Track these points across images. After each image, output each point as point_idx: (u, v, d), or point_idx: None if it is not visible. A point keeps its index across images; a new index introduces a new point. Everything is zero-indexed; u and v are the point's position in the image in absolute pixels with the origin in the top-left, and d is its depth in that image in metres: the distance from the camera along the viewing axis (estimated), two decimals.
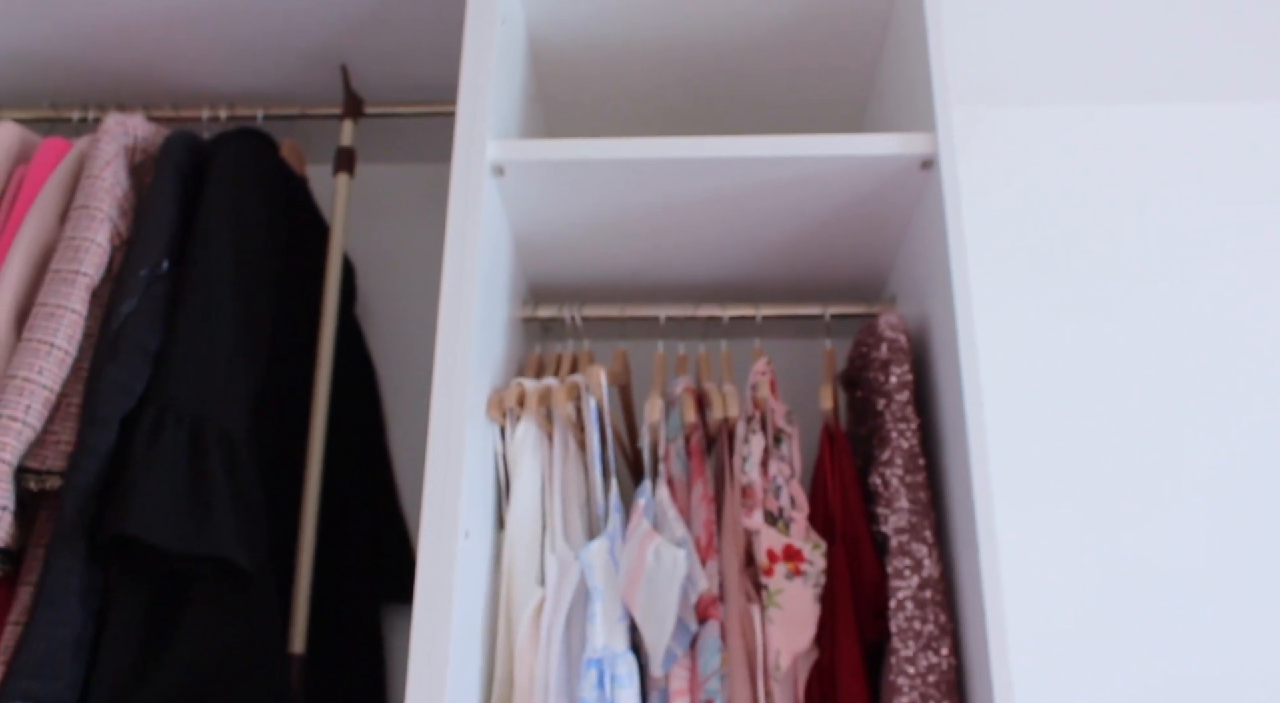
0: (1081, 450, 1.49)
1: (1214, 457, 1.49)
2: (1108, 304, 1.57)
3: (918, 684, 1.04)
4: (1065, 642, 1.40)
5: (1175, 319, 1.56)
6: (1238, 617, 1.41)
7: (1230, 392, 1.52)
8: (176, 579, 1.12)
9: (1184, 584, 1.43)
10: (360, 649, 1.34)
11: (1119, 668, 1.39)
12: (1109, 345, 1.54)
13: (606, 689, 1.08)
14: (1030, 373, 1.53)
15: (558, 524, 1.17)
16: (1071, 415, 1.51)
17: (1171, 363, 1.53)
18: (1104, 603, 1.42)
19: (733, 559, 1.15)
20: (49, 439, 1.11)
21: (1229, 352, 1.54)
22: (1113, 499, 1.47)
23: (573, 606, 1.13)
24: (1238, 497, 1.47)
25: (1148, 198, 1.62)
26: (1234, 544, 1.45)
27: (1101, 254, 1.59)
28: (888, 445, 1.14)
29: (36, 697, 1.01)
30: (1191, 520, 1.46)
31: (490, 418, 1.18)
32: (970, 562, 1.05)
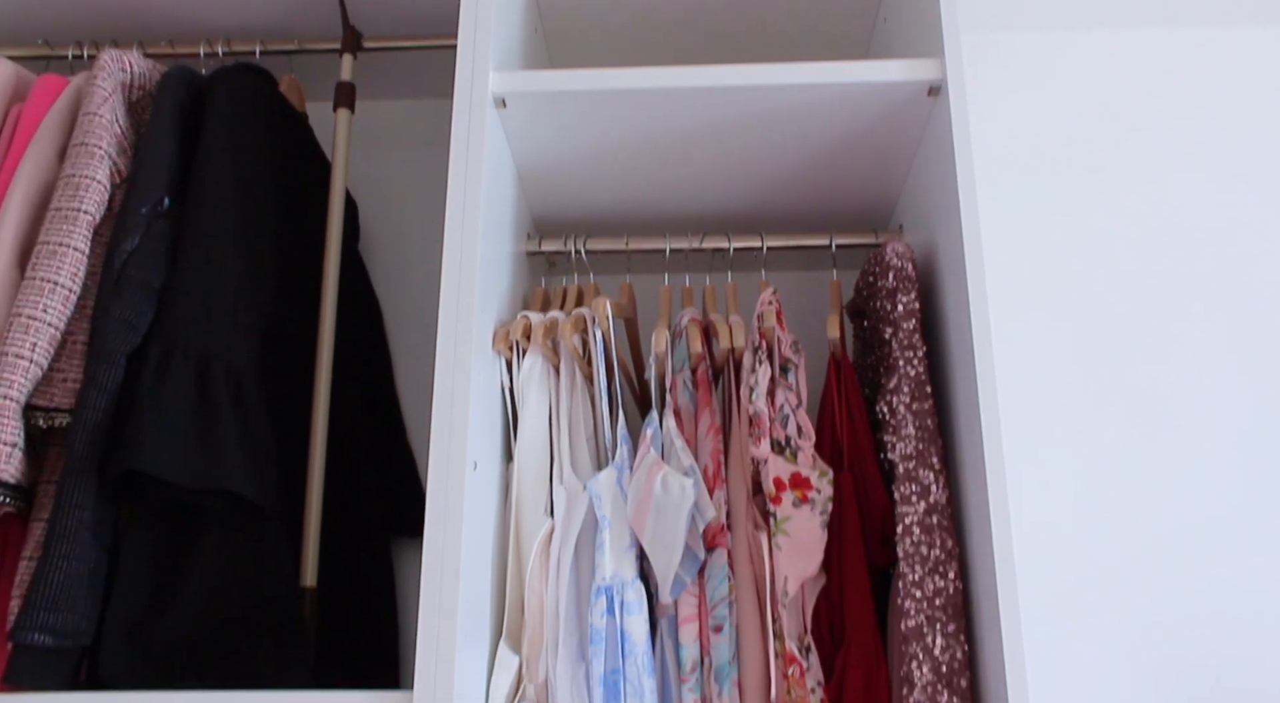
0: (1087, 380, 1.49)
1: (1220, 381, 1.49)
2: (1118, 232, 1.55)
3: (924, 608, 1.05)
4: (1068, 568, 1.41)
5: (1187, 248, 1.54)
6: (1243, 552, 1.42)
7: (1237, 313, 1.51)
8: (188, 515, 1.13)
9: (1188, 511, 1.44)
10: (371, 583, 1.35)
11: (1120, 592, 1.41)
12: (1118, 273, 1.53)
13: (616, 616, 1.09)
14: (1038, 301, 1.53)
15: (565, 456, 1.17)
16: (1078, 343, 1.50)
17: (1179, 290, 1.52)
18: (1108, 530, 1.43)
19: (740, 489, 1.16)
20: (56, 377, 1.11)
21: (1237, 276, 1.53)
22: (1118, 431, 1.47)
23: (581, 535, 1.14)
24: (1243, 422, 1.47)
25: (1158, 123, 1.60)
26: (1241, 473, 1.45)
27: (1112, 179, 1.57)
28: (895, 373, 1.14)
29: (53, 629, 1.03)
30: (1196, 444, 1.46)
31: (496, 351, 1.18)
32: (977, 487, 1.06)
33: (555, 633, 1.10)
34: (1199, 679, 1.37)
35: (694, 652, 1.10)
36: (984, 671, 1.04)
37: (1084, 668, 1.37)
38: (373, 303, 1.54)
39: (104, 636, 1.07)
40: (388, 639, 1.38)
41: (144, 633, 1.07)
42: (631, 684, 1.07)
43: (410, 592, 1.38)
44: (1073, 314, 1.52)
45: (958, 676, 1.04)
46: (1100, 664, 1.38)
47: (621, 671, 1.07)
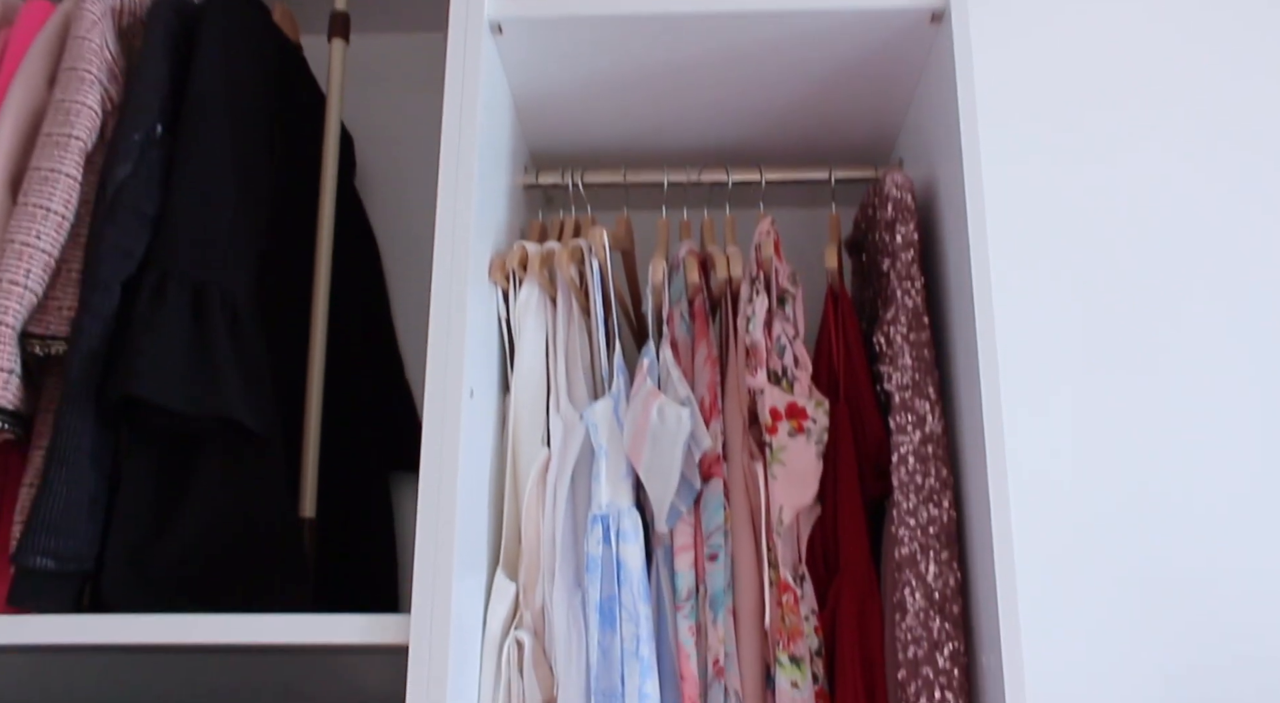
0: (1085, 331, 1.49)
1: (1220, 333, 1.48)
2: (1121, 180, 1.54)
3: (918, 536, 1.06)
4: (1065, 519, 1.42)
5: (1191, 199, 1.53)
6: (1241, 503, 1.42)
7: (1239, 266, 1.50)
8: (186, 442, 1.13)
9: (1186, 462, 1.43)
10: (369, 515, 1.36)
11: (1116, 543, 1.41)
12: (1120, 204, 1.52)
13: (612, 544, 1.10)
14: (1037, 251, 1.51)
15: (562, 387, 1.18)
16: (1077, 294, 1.50)
17: (1182, 242, 1.51)
18: (1105, 480, 1.43)
19: (736, 419, 1.16)
20: (51, 305, 1.11)
21: (1240, 229, 1.51)
22: (1117, 381, 1.47)
23: (578, 465, 1.14)
24: (1243, 372, 1.47)
25: (1165, 52, 1.57)
26: (1240, 425, 1.45)
27: (1116, 111, 1.55)
28: (892, 304, 1.13)
29: (55, 553, 1.04)
30: (1196, 394, 1.46)
31: (493, 281, 1.18)
32: (973, 417, 1.06)
33: (552, 561, 1.11)
34: (1195, 631, 1.38)
35: (689, 580, 1.11)
36: (976, 597, 1.05)
37: (1080, 619, 1.38)
38: (369, 238, 1.53)
39: (105, 561, 1.07)
40: (386, 572, 1.39)
41: (145, 558, 1.08)
42: (627, 611, 1.08)
43: (408, 526, 1.39)
44: (1072, 264, 1.51)
45: (950, 602, 1.05)
46: (1096, 615, 1.38)
47: (617, 598, 1.08)
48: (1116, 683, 1.36)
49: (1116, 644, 1.37)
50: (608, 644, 1.07)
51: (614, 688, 1.06)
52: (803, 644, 1.09)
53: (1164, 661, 1.36)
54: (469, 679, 1.06)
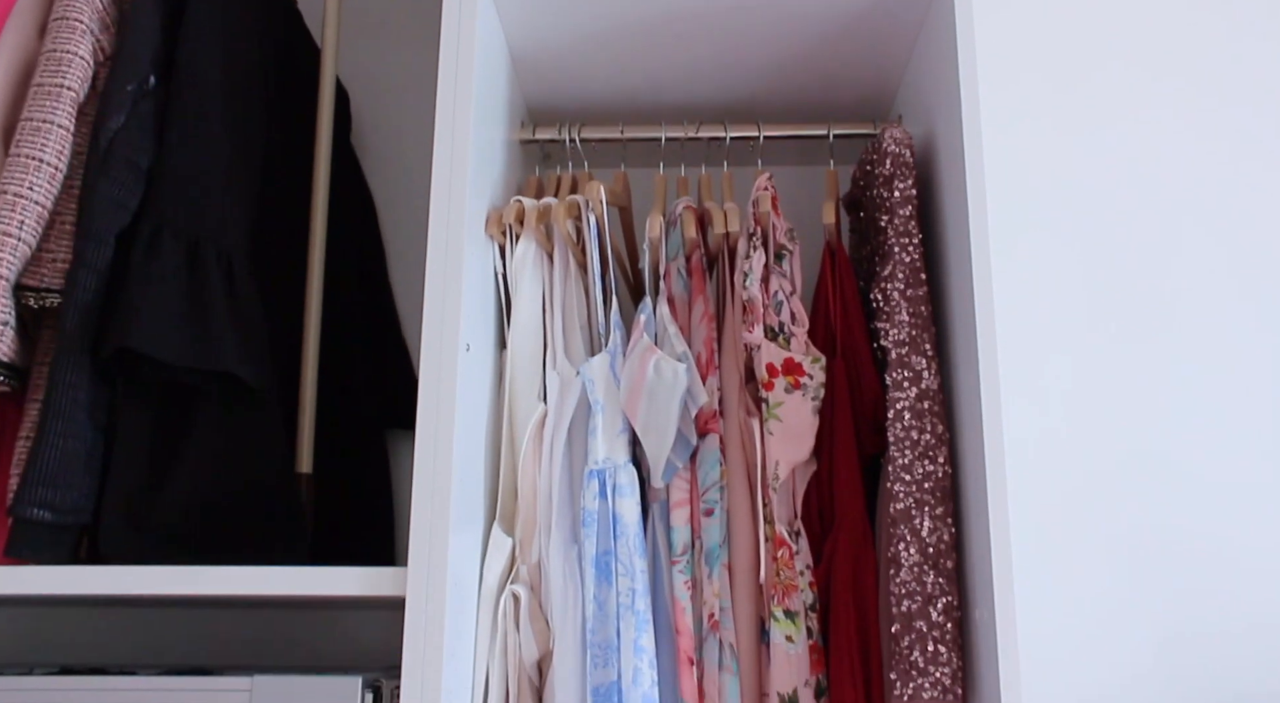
0: (1083, 277, 1.48)
1: (1218, 293, 1.48)
2: (1122, 125, 1.53)
3: (913, 491, 1.06)
4: (1061, 479, 1.42)
5: (1188, 163, 1.52)
6: (1238, 463, 1.42)
7: (1237, 226, 1.50)
8: (182, 396, 1.13)
9: (1183, 422, 1.44)
10: (366, 472, 1.37)
11: (1112, 503, 1.42)
12: (1121, 166, 1.51)
13: (608, 499, 1.10)
14: (1035, 212, 1.51)
15: (558, 342, 1.17)
16: (1075, 256, 1.49)
17: (1180, 203, 1.51)
18: (1101, 440, 1.43)
19: (733, 375, 1.16)
20: (45, 257, 1.10)
21: (1238, 192, 1.51)
22: (1115, 327, 1.47)
23: (574, 420, 1.14)
24: (1241, 333, 1.47)
25: (1167, 14, 1.56)
26: (1238, 384, 1.45)
27: (1117, 73, 1.54)
28: (890, 260, 1.13)
29: (52, 505, 1.04)
30: (1194, 355, 1.46)
31: (489, 235, 1.17)
32: (969, 372, 1.06)
33: (548, 516, 1.12)
34: (1189, 595, 1.38)
35: (685, 535, 1.12)
36: (970, 552, 1.05)
37: (1073, 579, 1.39)
38: (366, 197, 1.52)
39: (102, 513, 1.08)
40: (383, 529, 1.39)
41: (141, 511, 1.08)
42: (623, 565, 1.08)
43: (405, 483, 1.39)
44: (1071, 226, 1.50)
45: (944, 557, 1.05)
46: (1090, 576, 1.39)
47: (613, 552, 1.09)
48: (1109, 644, 1.37)
49: (1109, 606, 1.38)
50: (603, 598, 1.08)
51: (609, 641, 1.07)
52: (797, 599, 1.09)
53: (1157, 623, 1.37)
54: (465, 633, 1.07)
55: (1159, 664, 1.36)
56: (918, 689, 1.01)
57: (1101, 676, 1.35)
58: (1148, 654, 1.36)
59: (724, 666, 1.09)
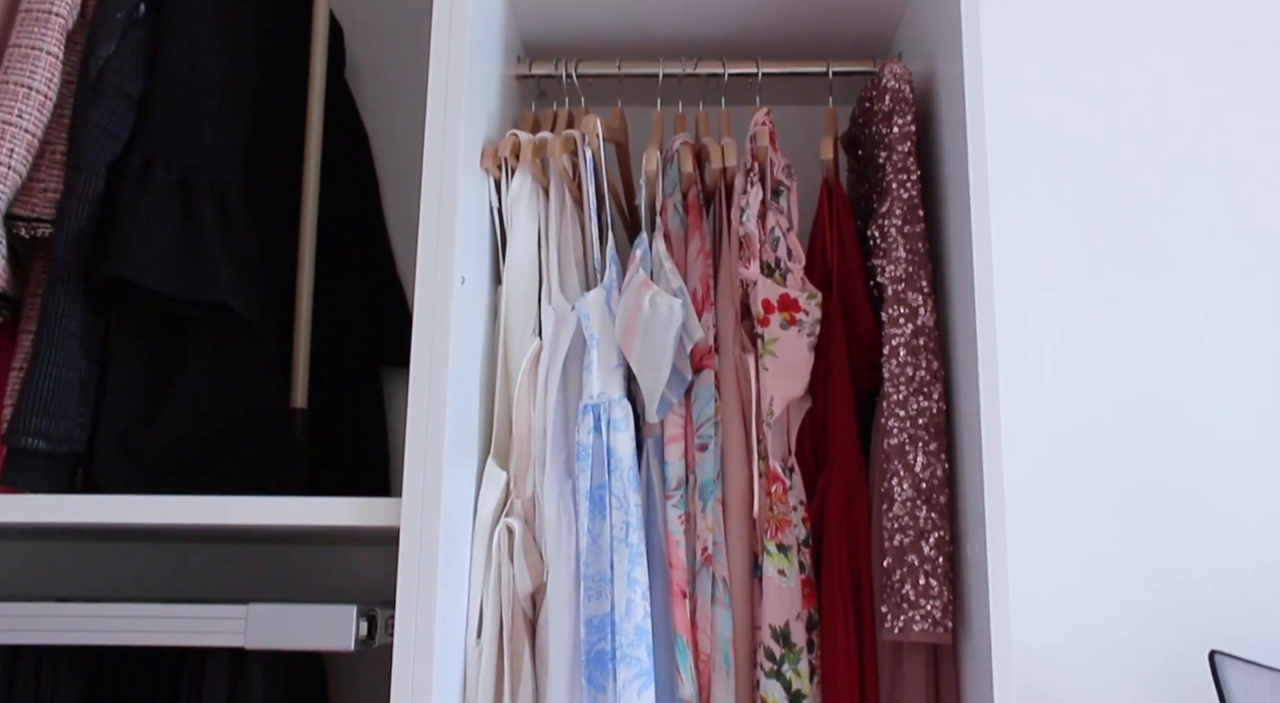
0: (1082, 217, 1.47)
1: (1215, 234, 1.47)
2: (1121, 64, 1.51)
3: (907, 427, 1.06)
4: (1057, 419, 1.42)
5: (1193, 83, 1.50)
6: (1235, 402, 1.42)
7: (1234, 167, 1.49)
8: (176, 328, 1.13)
9: (1180, 362, 1.44)
10: (361, 408, 1.37)
11: (1108, 444, 1.42)
12: (1120, 105, 1.50)
13: (603, 433, 1.10)
14: (1033, 156, 1.50)
15: (554, 277, 1.17)
16: (1074, 181, 1.48)
17: (1183, 126, 1.49)
18: (1098, 381, 1.43)
19: (729, 312, 1.16)
20: (35, 187, 1.09)
21: (1235, 133, 1.49)
22: (1113, 267, 1.46)
23: (569, 355, 1.14)
24: (1238, 273, 1.46)
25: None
26: (1234, 324, 1.44)
27: (1117, 11, 1.52)
28: (887, 197, 1.12)
29: (46, 434, 1.04)
30: (1190, 295, 1.45)
31: (484, 170, 1.16)
32: (965, 309, 1.06)
33: (543, 450, 1.12)
34: (1182, 538, 1.39)
35: (679, 470, 1.12)
36: (963, 487, 1.06)
37: (1066, 519, 1.39)
38: (360, 133, 1.50)
39: (97, 443, 1.08)
40: (378, 467, 1.40)
41: (136, 441, 1.08)
42: (617, 499, 1.09)
43: (400, 422, 1.40)
44: (1070, 165, 1.49)
45: (937, 492, 1.05)
46: (1082, 517, 1.40)
47: (607, 486, 1.09)
48: (1098, 584, 1.38)
49: (1100, 547, 1.39)
50: (597, 531, 1.09)
51: (603, 573, 1.07)
52: (790, 534, 1.10)
53: (1147, 566, 1.38)
54: (459, 564, 1.07)
55: (1148, 607, 1.37)
56: (908, 622, 1.02)
57: (1090, 616, 1.37)
58: (1137, 597, 1.37)
59: (716, 599, 1.09)
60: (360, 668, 1.34)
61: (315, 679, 1.18)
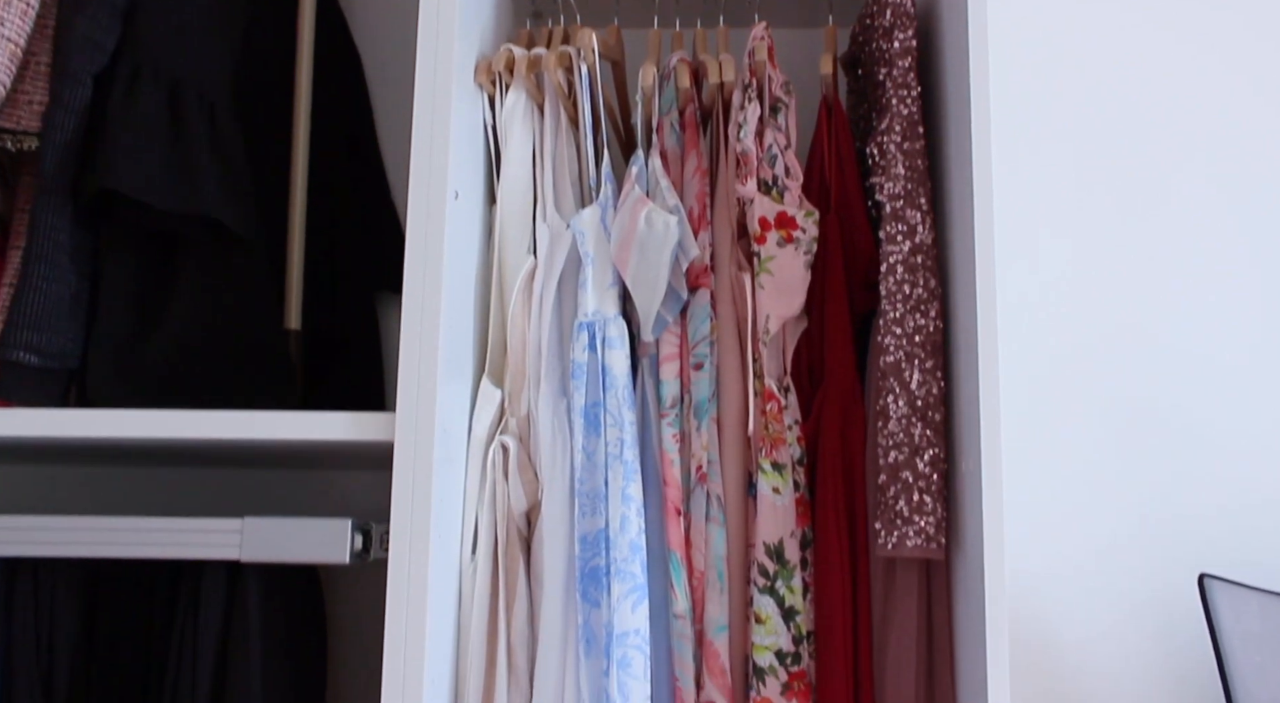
0: (1082, 145, 1.46)
1: (1221, 161, 1.45)
2: (1119, 25, 1.49)
3: (903, 344, 1.06)
4: (1054, 353, 1.41)
5: (1195, 19, 1.48)
6: (1232, 336, 1.42)
7: (1232, 110, 1.47)
8: (167, 244, 1.11)
9: (1177, 296, 1.43)
10: (355, 331, 1.36)
11: (1103, 377, 1.41)
12: (1125, 27, 1.47)
13: (598, 351, 1.10)
14: (1037, 51, 1.47)
15: (549, 195, 1.16)
16: (1076, 107, 1.47)
17: (1185, 59, 1.47)
18: (1096, 314, 1.43)
19: (725, 231, 1.15)
20: (21, 98, 1.08)
21: (1245, 57, 1.47)
22: (1112, 196, 1.45)
23: (564, 273, 1.13)
24: (1235, 209, 1.45)
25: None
26: (1231, 259, 1.43)
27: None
28: (887, 113, 1.11)
29: (38, 348, 1.03)
30: (1187, 230, 1.44)
31: (478, 84, 1.14)
32: (964, 228, 1.05)
33: (537, 369, 1.11)
34: (1174, 463, 1.39)
35: (674, 389, 1.12)
36: (958, 404, 1.06)
37: (1060, 442, 1.40)
38: (351, 52, 1.47)
39: (89, 360, 1.07)
40: (373, 393, 1.39)
41: (128, 358, 1.08)
42: (612, 416, 1.08)
43: (394, 348, 1.38)
44: (1072, 92, 1.47)
45: (932, 410, 1.05)
46: (1076, 439, 1.40)
47: (602, 403, 1.09)
48: (1091, 512, 1.38)
49: (1093, 472, 1.39)
50: (592, 448, 1.08)
51: (598, 490, 1.07)
52: (785, 452, 1.10)
53: (1141, 493, 1.39)
54: (454, 481, 1.07)
55: (1139, 534, 1.38)
56: (902, 538, 1.03)
57: (1081, 542, 1.37)
58: (1128, 524, 1.38)
59: (711, 517, 1.10)
60: (357, 585, 1.34)
61: (312, 595, 1.19)
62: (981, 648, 0.97)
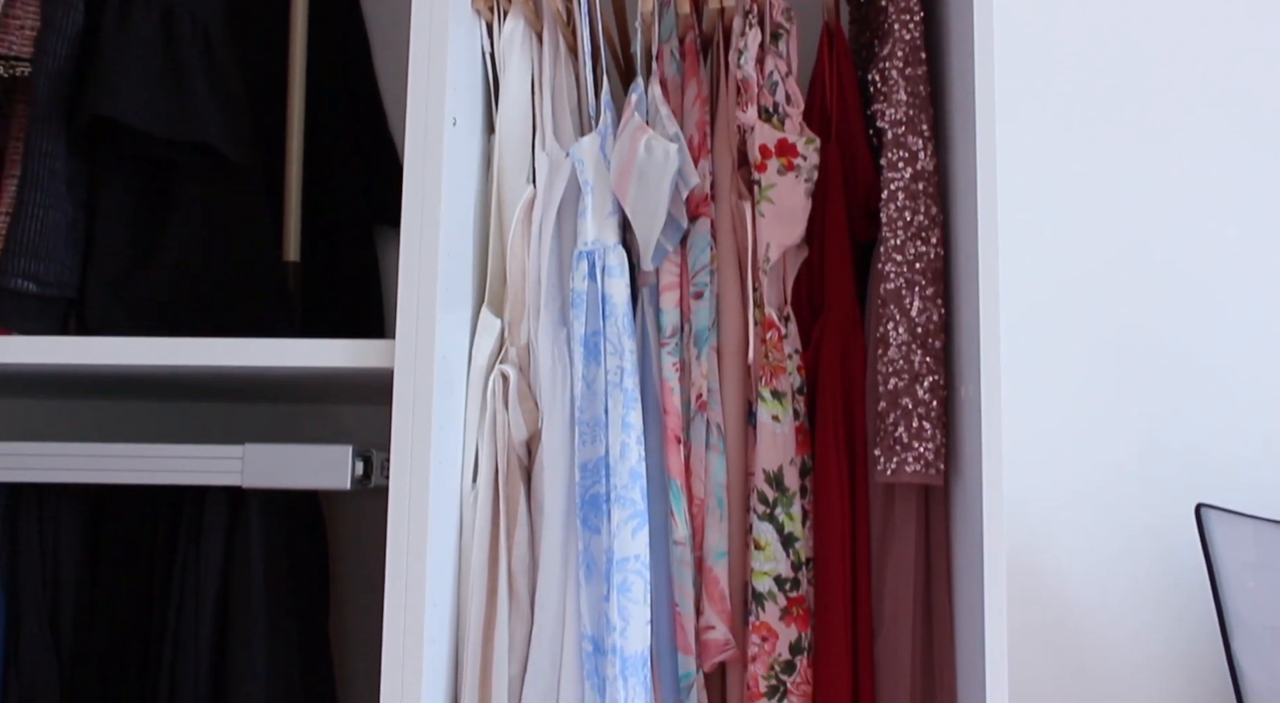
0: (1084, 69, 1.44)
1: (1223, 91, 1.44)
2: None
3: (904, 271, 1.05)
4: (1052, 255, 1.41)
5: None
6: (1231, 255, 1.41)
7: (1241, 22, 1.45)
8: (164, 174, 1.11)
9: (1180, 212, 1.42)
10: (353, 264, 1.35)
11: (1099, 301, 1.41)
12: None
13: (597, 280, 1.10)
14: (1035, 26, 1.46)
15: (548, 124, 1.15)
16: (1079, 34, 1.45)
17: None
18: (1096, 222, 1.42)
19: (725, 159, 1.14)
20: (11, 24, 1.07)
21: None
22: (1116, 110, 1.43)
23: (563, 202, 1.12)
24: (1240, 137, 1.44)
25: None
26: (1233, 184, 1.43)
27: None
28: (889, 39, 1.09)
29: (36, 276, 1.03)
30: (1195, 144, 1.43)
31: (475, 10, 1.13)
32: (966, 155, 1.04)
33: (537, 298, 1.11)
34: (1176, 395, 1.40)
35: (674, 318, 1.12)
36: (958, 331, 1.05)
37: (1061, 371, 1.40)
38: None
39: (88, 289, 1.07)
40: (374, 325, 1.39)
41: (127, 288, 1.08)
42: (612, 345, 1.08)
43: (390, 283, 1.38)
44: (1074, 17, 1.45)
45: (932, 337, 1.05)
46: (1077, 369, 1.40)
47: (602, 332, 1.09)
48: (1090, 438, 1.39)
49: (1093, 402, 1.39)
50: (592, 377, 1.09)
51: (598, 418, 1.08)
52: (785, 381, 1.10)
53: (1139, 424, 1.39)
54: (454, 410, 1.07)
55: (1136, 465, 1.38)
56: (901, 464, 1.03)
57: (1079, 473, 1.38)
58: (1126, 454, 1.38)
59: (711, 445, 1.10)
60: (358, 514, 1.35)
61: (313, 522, 1.20)
62: (979, 574, 0.98)
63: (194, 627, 1.05)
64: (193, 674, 1.04)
